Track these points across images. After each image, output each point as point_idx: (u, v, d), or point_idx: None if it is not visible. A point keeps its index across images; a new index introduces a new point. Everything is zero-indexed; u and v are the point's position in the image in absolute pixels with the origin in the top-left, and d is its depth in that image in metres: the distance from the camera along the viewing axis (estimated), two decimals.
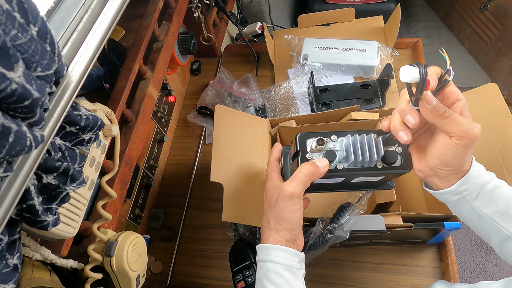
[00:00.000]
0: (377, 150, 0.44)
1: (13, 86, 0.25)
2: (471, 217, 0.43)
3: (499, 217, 0.41)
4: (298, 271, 0.45)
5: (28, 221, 0.35)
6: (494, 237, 0.43)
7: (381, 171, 0.44)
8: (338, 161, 0.45)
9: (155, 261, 0.81)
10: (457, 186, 0.41)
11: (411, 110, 0.38)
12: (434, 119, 0.37)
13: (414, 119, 0.38)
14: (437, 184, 0.43)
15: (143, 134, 0.68)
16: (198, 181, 0.90)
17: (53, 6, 0.40)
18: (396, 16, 0.90)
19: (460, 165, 0.40)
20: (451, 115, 0.37)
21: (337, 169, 0.44)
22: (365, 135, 0.45)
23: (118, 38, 0.78)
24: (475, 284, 0.44)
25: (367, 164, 0.44)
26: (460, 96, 0.39)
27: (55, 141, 0.38)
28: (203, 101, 0.97)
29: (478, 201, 0.41)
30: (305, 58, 0.96)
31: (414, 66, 0.36)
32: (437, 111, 0.37)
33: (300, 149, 0.45)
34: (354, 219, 0.56)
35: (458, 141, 0.37)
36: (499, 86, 0.60)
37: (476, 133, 0.37)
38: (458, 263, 1.44)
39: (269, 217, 0.46)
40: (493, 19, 1.38)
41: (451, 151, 0.38)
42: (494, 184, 0.41)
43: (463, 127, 0.37)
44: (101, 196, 0.58)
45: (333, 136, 0.45)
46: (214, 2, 0.95)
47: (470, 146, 0.38)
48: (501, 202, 0.41)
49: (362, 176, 0.47)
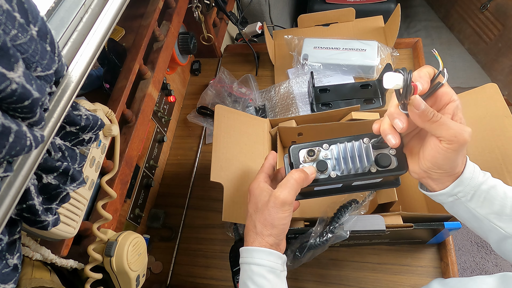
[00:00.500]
0: (367, 155, 0.44)
1: (13, 86, 0.25)
2: (467, 217, 0.43)
3: (495, 217, 0.41)
4: (281, 272, 0.46)
5: (28, 221, 0.35)
6: (491, 236, 0.43)
7: (375, 175, 0.45)
8: (332, 169, 0.46)
9: (155, 261, 0.81)
10: (451, 188, 0.41)
11: (399, 114, 0.38)
12: (423, 124, 0.37)
13: (402, 123, 0.38)
14: (432, 186, 0.43)
15: (143, 134, 0.68)
16: (198, 181, 0.90)
17: (53, 6, 0.40)
18: (396, 16, 0.90)
19: (453, 168, 0.40)
20: (439, 119, 0.36)
21: (331, 177, 0.46)
22: (355, 141, 0.46)
23: (118, 38, 0.78)
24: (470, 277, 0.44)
25: (360, 170, 0.45)
26: (453, 97, 0.38)
27: (55, 141, 0.38)
28: (203, 101, 0.97)
29: (473, 202, 0.41)
30: (305, 58, 0.96)
31: (399, 72, 0.35)
32: (425, 115, 0.36)
33: (293, 161, 0.47)
34: (354, 219, 0.56)
35: (448, 145, 0.37)
36: (499, 86, 0.60)
37: (465, 137, 0.36)
38: (458, 263, 1.44)
39: (255, 221, 0.46)
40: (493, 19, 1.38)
41: (442, 155, 0.38)
42: (489, 184, 0.41)
43: (452, 131, 0.36)
44: (101, 196, 0.58)
45: (325, 145, 0.47)
46: (214, 2, 0.95)
47: (460, 150, 0.37)
48: (496, 202, 0.40)
49: (359, 181, 0.47)
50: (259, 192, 0.47)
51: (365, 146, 0.45)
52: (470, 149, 0.59)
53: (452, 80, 1.46)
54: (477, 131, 0.59)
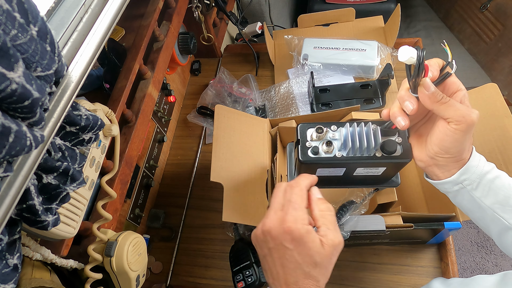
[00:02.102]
0: (375, 138, 0.45)
1: (13, 86, 0.25)
2: (471, 207, 0.44)
3: (499, 208, 0.41)
4: None
5: (28, 221, 0.35)
6: (493, 228, 0.43)
7: (380, 160, 0.45)
8: (338, 149, 0.46)
9: (155, 261, 0.81)
10: (458, 176, 0.42)
11: (409, 96, 0.40)
12: (432, 105, 0.38)
13: (412, 105, 0.39)
14: (438, 174, 0.43)
15: (143, 134, 0.68)
16: (198, 181, 0.90)
17: (53, 6, 0.40)
18: (396, 16, 0.90)
19: (459, 152, 0.40)
20: (448, 101, 0.38)
21: (336, 157, 0.46)
22: (363, 124, 0.46)
23: (118, 38, 0.78)
24: (472, 277, 0.44)
25: (366, 153, 0.45)
26: (460, 86, 0.39)
27: (55, 141, 0.38)
28: (203, 101, 0.97)
29: (478, 191, 0.42)
30: (305, 58, 0.96)
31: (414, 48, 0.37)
32: (434, 97, 0.38)
33: (301, 138, 0.47)
34: (355, 219, 0.57)
35: (456, 126, 0.38)
36: (499, 86, 0.60)
37: (473, 118, 0.38)
38: (458, 263, 1.44)
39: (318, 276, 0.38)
40: (493, 19, 1.38)
41: (450, 137, 0.39)
42: (494, 174, 0.41)
43: (459, 112, 0.38)
44: (101, 196, 0.58)
45: (333, 126, 0.47)
46: (214, 2, 0.95)
47: (468, 131, 0.38)
48: (501, 192, 0.41)
49: (363, 166, 0.47)
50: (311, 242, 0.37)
51: (373, 130, 0.45)
52: None
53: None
54: (477, 131, 0.59)
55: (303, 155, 0.46)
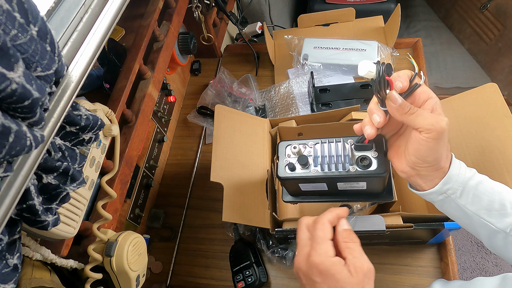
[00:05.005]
0: (348, 155, 0.46)
1: (13, 86, 0.25)
2: (458, 215, 0.44)
3: (485, 213, 0.41)
4: None
5: (28, 221, 0.35)
6: (482, 232, 0.44)
7: (355, 176, 0.45)
8: (314, 165, 0.47)
9: (155, 261, 0.81)
10: (441, 186, 0.42)
11: (377, 109, 0.41)
12: (401, 117, 0.39)
13: (380, 117, 0.41)
14: (421, 184, 0.43)
15: (143, 134, 0.68)
16: (198, 181, 0.90)
17: (53, 6, 0.40)
18: (396, 16, 0.90)
19: (437, 159, 0.41)
20: (416, 111, 0.39)
21: (311, 173, 0.46)
22: (343, 141, 0.47)
23: (118, 38, 0.78)
24: (471, 280, 0.44)
25: (341, 168, 0.46)
26: (431, 94, 0.40)
27: (55, 141, 0.38)
28: (203, 101, 0.97)
29: (462, 199, 0.42)
30: (305, 58, 0.96)
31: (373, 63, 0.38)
32: (402, 108, 0.39)
33: (279, 154, 0.49)
34: (354, 219, 0.57)
35: (427, 135, 0.38)
36: (499, 86, 0.60)
37: (442, 125, 0.38)
38: (458, 263, 1.44)
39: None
40: (493, 19, 1.37)
41: (424, 146, 0.39)
42: (476, 180, 0.42)
43: (428, 121, 0.38)
44: (101, 196, 0.58)
45: (310, 143, 0.48)
46: (214, 2, 0.95)
47: (439, 139, 0.39)
48: (485, 197, 0.41)
49: (340, 181, 0.47)
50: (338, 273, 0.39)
51: (347, 147, 0.46)
52: (470, 150, 0.59)
53: (452, 80, 1.46)
54: (477, 131, 0.59)
55: (280, 171, 0.48)
